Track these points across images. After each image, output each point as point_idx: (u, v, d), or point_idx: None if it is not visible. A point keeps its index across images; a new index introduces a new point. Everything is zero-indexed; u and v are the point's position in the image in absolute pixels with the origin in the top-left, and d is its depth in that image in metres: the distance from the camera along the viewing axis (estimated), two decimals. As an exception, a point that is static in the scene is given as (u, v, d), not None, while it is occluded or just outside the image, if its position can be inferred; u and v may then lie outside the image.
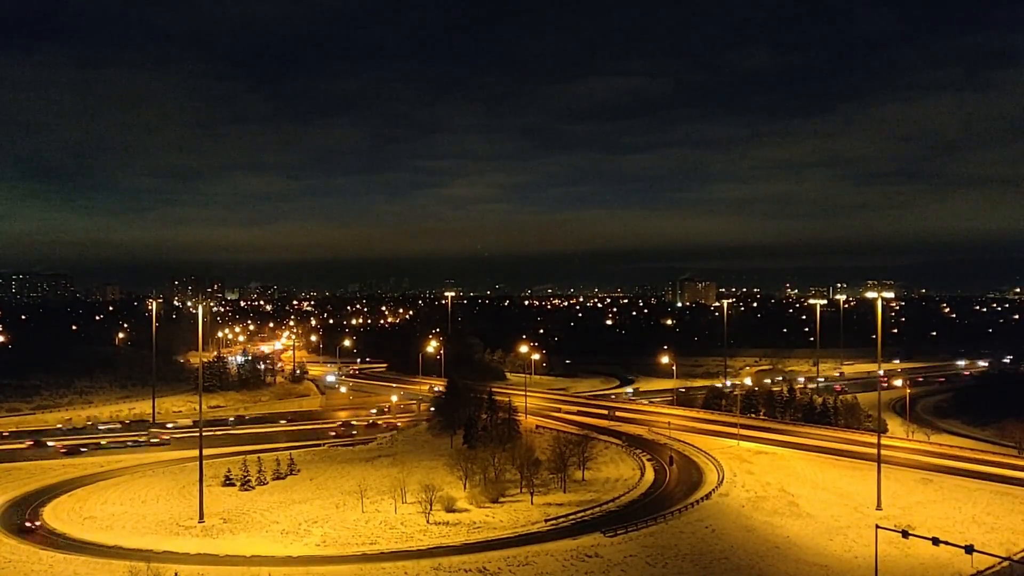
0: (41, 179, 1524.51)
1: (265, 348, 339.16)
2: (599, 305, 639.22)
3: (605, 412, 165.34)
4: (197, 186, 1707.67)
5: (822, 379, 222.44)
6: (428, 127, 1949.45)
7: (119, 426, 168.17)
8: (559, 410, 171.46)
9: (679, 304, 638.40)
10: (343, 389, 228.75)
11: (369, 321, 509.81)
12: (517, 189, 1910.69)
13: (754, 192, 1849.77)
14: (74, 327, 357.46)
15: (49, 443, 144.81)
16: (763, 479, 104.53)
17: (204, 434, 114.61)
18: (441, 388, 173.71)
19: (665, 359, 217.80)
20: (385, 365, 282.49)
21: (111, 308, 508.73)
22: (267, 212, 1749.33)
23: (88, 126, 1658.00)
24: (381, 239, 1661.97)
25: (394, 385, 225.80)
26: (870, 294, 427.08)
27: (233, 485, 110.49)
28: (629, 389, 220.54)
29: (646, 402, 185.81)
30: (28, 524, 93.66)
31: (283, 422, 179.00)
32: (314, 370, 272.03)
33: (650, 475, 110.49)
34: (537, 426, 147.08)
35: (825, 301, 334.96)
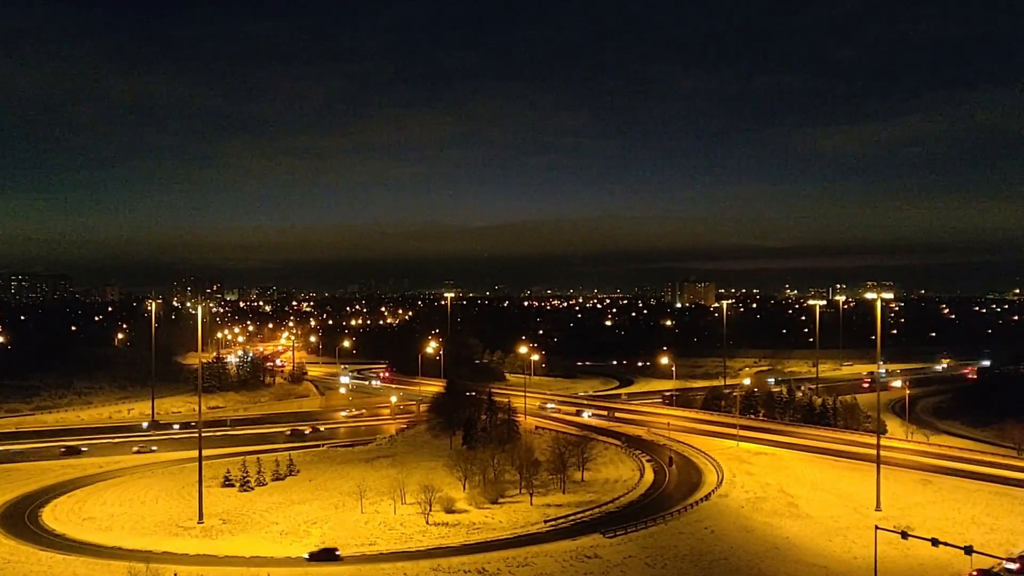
0: (41, 177, 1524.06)
1: (262, 348, 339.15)
2: (599, 306, 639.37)
3: (604, 413, 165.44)
4: (193, 182, 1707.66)
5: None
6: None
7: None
8: (559, 411, 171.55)
9: (678, 305, 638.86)
10: (342, 390, 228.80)
11: (368, 322, 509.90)
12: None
13: (753, 192, 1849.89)
14: (73, 328, 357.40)
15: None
16: (762, 480, 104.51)
17: (204, 434, 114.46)
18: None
19: (665, 360, 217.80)
20: (384, 365, 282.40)
21: (110, 308, 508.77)
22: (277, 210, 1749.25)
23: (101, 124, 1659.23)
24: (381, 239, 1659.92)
25: (393, 386, 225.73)
26: (869, 295, 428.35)
27: (232, 486, 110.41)
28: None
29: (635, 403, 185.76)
30: None
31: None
32: (313, 371, 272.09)
33: (649, 476, 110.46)
34: (536, 427, 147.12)
35: (824, 302, 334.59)
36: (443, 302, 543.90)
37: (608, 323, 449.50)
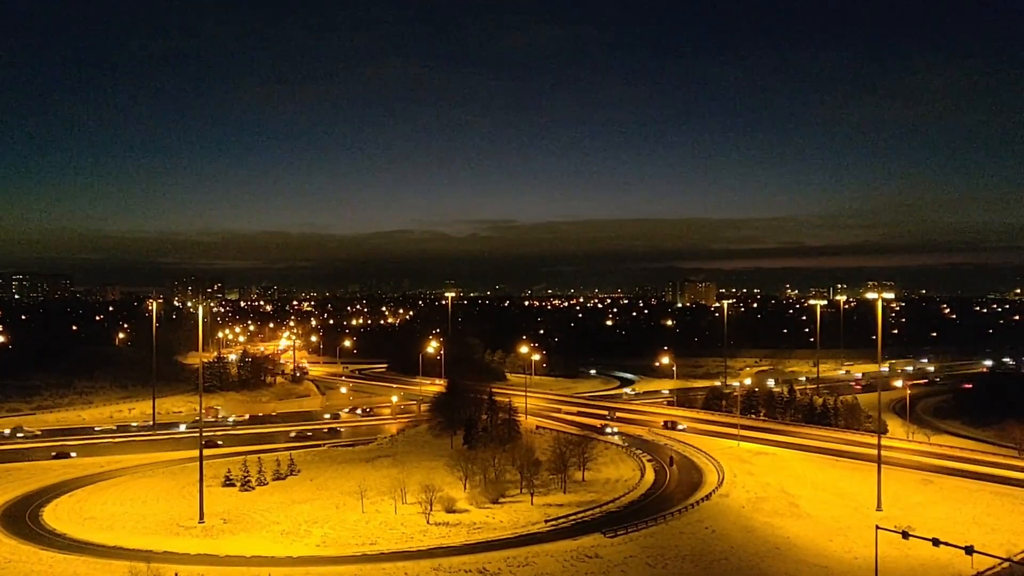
0: (41, 177, 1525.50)
1: (263, 348, 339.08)
2: (599, 306, 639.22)
3: (605, 412, 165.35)
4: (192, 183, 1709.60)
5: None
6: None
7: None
8: (559, 411, 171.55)
9: (679, 305, 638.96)
10: (343, 389, 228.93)
11: (369, 321, 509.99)
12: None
13: (751, 190, 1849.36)
14: (74, 327, 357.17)
15: None
16: (763, 480, 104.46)
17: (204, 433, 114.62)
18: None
19: (665, 360, 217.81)
20: (385, 365, 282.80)
21: (111, 308, 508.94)
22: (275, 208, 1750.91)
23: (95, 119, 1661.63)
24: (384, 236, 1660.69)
25: (394, 385, 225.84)
26: (870, 295, 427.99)
27: (233, 485, 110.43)
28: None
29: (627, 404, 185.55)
30: None
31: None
32: (314, 370, 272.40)
33: (650, 476, 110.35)
34: (537, 427, 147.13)
35: (825, 302, 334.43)
36: (444, 302, 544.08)
37: (609, 323, 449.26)
